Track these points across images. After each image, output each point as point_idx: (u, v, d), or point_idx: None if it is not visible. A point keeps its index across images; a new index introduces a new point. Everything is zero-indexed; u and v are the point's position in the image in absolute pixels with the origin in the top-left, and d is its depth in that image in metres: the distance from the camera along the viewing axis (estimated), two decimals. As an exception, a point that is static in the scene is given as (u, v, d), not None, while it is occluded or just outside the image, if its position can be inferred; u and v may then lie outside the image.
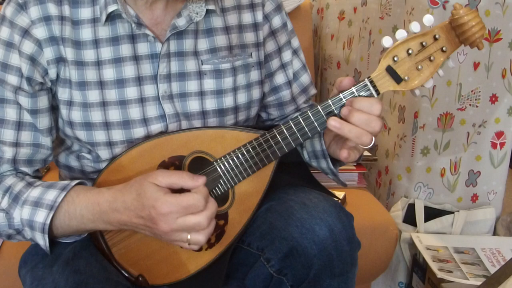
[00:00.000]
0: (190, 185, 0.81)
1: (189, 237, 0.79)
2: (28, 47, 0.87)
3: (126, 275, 0.90)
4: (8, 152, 0.89)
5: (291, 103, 1.06)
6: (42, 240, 0.85)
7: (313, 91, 1.09)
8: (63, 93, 0.90)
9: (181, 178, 0.81)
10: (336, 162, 0.98)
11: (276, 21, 1.02)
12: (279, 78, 1.04)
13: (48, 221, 0.83)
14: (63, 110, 0.91)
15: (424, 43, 0.83)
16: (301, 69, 1.06)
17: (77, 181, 0.88)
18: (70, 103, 0.90)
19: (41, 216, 0.84)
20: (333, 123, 0.83)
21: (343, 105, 0.84)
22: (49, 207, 0.84)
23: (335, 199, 0.96)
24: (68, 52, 0.88)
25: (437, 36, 0.83)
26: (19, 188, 0.87)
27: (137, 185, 0.81)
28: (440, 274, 1.43)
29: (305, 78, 1.06)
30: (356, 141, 0.83)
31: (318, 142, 0.97)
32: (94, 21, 0.88)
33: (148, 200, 0.79)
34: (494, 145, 1.64)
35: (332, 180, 1.01)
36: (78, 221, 0.85)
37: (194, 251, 0.90)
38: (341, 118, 0.84)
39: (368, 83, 0.84)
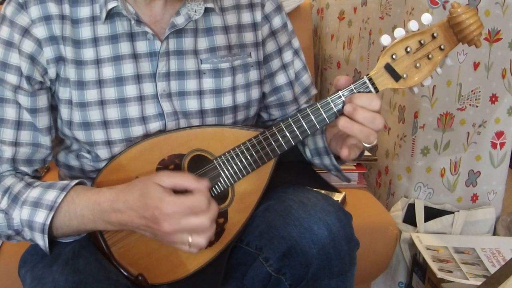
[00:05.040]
0: (194, 186, 0.81)
1: (190, 239, 0.80)
2: (28, 46, 0.87)
3: (126, 274, 0.90)
4: (8, 152, 0.89)
5: (292, 103, 1.06)
6: (42, 241, 0.85)
7: (314, 91, 1.09)
8: (64, 93, 0.90)
9: (186, 179, 0.81)
10: (338, 159, 0.98)
11: (277, 22, 1.02)
12: (280, 79, 1.04)
13: (48, 222, 0.83)
14: (64, 110, 0.91)
15: (422, 41, 0.83)
16: (302, 69, 1.06)
17: (76, 181, 0.88)
18: (71, 102, 0.90)
19: (41, 217, 0.84)
20: (344, 123, 0.81)
21: (342, 103, 0.84)
22: (49, 208, 0.84)
23: (335, 199, 0.95)
24: (68, 51, 0.88)
25: (435, 34, 0.83)
26: (18, 188, 0.87)
27: (141, 185, 0.81)
28: (440, 274, 1.43)
29: (306, 78, 1.07)
30: (364, 140, 0.83)
31: (321, 139, 0.97)
32: (93, 19, 0.89)
33: (152, 200, 0.79)
34: (494, 145, 1.64)
35: (336, 176, 1.01)
36: (78, 221, 0.85)
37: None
38: (342, 115, 0.83)
39: (367, 81, 0.84)
